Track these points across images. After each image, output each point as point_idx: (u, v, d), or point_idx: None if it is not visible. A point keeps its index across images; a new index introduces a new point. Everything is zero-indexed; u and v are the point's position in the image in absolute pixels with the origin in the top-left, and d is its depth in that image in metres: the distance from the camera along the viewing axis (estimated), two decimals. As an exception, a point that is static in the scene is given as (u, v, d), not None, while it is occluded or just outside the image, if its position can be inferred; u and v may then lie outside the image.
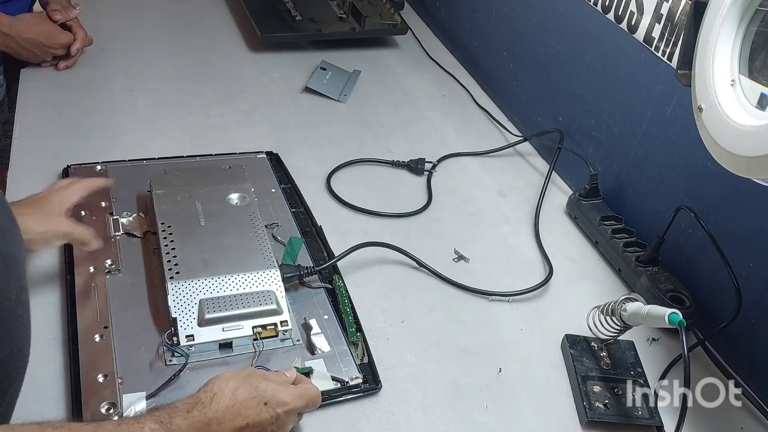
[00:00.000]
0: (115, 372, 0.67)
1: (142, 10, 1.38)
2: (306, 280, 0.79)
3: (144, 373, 0.67)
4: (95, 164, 0.94)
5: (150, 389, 0.65)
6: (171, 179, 0.86)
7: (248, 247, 0.77)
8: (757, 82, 0.62)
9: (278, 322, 0.71)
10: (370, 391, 0.70)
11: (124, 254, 0.80)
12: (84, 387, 0.65)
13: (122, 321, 0.72)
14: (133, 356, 0.69)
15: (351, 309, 0.77)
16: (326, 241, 0.87)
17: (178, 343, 0.68)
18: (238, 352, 0.70)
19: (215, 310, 0.70)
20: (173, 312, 0.69)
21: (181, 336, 0.69)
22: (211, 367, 0.69)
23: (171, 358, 0.69)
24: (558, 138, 1.07)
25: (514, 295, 0.85)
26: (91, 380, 0.65)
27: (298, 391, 0.61)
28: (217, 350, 0.70)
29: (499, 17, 1.25)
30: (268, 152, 1.02)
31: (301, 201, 0.94)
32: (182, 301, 0.70)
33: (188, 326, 0.69)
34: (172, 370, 0.67)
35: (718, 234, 0.78)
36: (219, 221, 0.80)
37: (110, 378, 0.66)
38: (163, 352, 0.69)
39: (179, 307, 0.70)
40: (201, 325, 0.69)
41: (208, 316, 0.69)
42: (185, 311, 0.70)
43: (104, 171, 0.93)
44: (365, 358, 0.73)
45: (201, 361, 0.69)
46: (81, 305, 0.73)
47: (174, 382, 0.66)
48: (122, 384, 0.66)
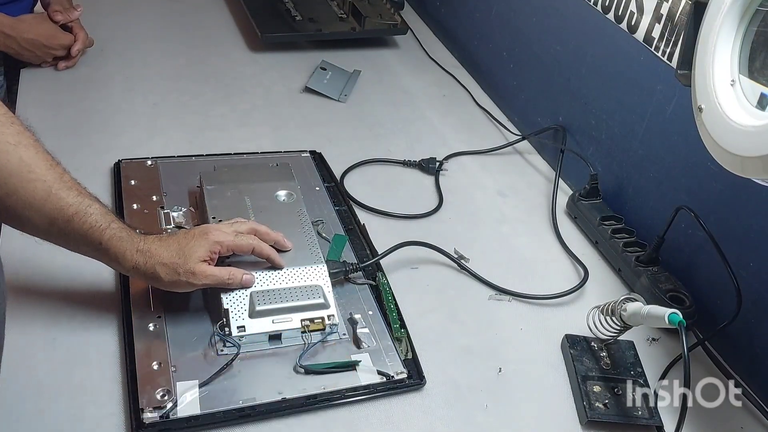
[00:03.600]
0: (169, 360, 0.68)
1: (142, 11, 1.38)
2: (351, 276, 0.81)
3: (197, 362, 0.69)
4: (146, 159, 0.96)
5: (203, 378, 0.67)
6: (220, 175, 0.88)
7: (296, 242, 0.79)
8: (757, 82, 0.62)
9: (326, 316, 0.73)
10: (415, 386, 0.71)
11: None
12: (139, 374, 0.66)
13: (175, 311, 0.73)
14: (186, 345, 0.70)
15: (395, 305, 0.79)
16: (369, 239, 0.88)
17: (229, 333, 0.70)
18: (286, 344, 0.72)
19: (265, 302, 0.72)
20: (225, 303, 0.71)
21: (233, 327, 0.70)
22: (261, 357, 0.70)
23: (223, 348, 0.70)
24: (560, 137, 1.07)
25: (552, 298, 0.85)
26: (146, 367, 0.67)
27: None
28: (266, 341, 0.71)
29: (498, 17, 1.25)
30: (311, 151, 1.04)
31: (344, 199, 0.96)
32: (234, 294, 0.72)
33: (239, 318, 0.71)
34: (223, 360, 0.68)
35: (718, 234, 0.78)
36: (268, 217, 0.81)
37: (164, 366, 0.67)
38: (215, 342, 0.70)
39: (231, 299, 0.71)
40: (252, 316, 0.71)
41: (259, 308, 0.71)
42: (237, 303, 0.71)
43: (154, 165, 0.95)
44: (409, 354, 0.74)
45: (251, 351, 0.71)
46: (135, 296, 0.74)
47: (226, 371, 0.68)
48: (176, 372, 0.67)
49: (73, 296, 0.75)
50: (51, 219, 0.63)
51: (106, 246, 0.66)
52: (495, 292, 0.85)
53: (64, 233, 0.65)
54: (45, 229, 0.64)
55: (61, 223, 0.64)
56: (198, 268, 0.68)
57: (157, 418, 0.63)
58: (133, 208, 0.86)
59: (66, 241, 0.66)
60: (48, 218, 0.63)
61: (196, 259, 0.68)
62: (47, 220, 0.63)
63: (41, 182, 0.62)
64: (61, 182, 0.64)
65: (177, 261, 0.67)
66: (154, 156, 0.97)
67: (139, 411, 0.63)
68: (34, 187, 0.62)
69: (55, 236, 0.65)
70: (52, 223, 0.64)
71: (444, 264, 0.88)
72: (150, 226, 0.83)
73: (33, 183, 0.62)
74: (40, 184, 0.62)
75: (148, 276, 0.68)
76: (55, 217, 0.63)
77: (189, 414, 0.64)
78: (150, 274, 0.67)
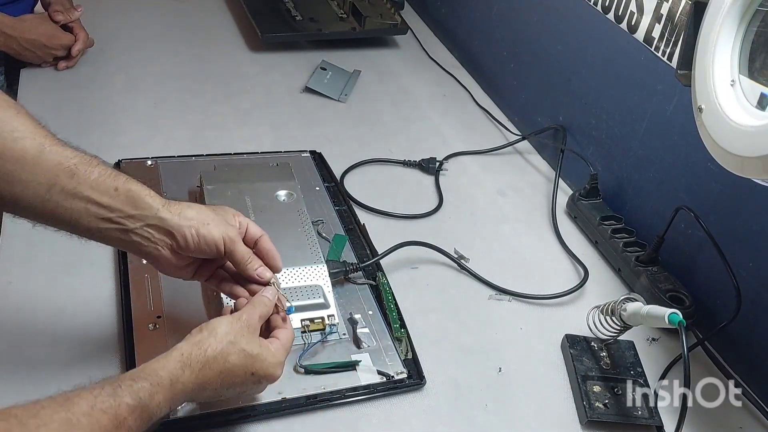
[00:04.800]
0: None
1: (142, 11, 1.38)
2: (351, 276, 0.81)
3: None
4: (146, 159, 0.96)
5: None
6: (221, 175, 0.88)
7: (296, 242, 0.79)
8: (757, 82, 0.62)
9: (326, 316, 0.73)
10: (414, 386, 0.71)
11: None
12: None
13: (175, 311, 0.73)
14: None
15: (395, 305, 0.79)
16: (369, 239, 0.88)
17: None
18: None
19: None
20: (225, 302, 0.71)
21: None
22: None
23: None
24: (560, 137, 1.07)
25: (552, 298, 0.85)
26: None
27: (284, 359, 0.62)
28: None
29: (499, 17, 1.25)
30: (311, 151, 1.04)
31: (344, 199, 0.96)
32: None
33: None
34: None
35: (718, 234, 0.78)
36: (268, 217, 0.81)
37: None
38: None
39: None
40: None
41: None
42: None
43: (154, 165, 0.95)
44: (409, 354, 0.74)
45: None
46: (135, 295, 0.74)
47: None
48: None
49: (73, 296, 0.75)
50: (50, 177, 0.56)
51: (124, 188, 0.59)
52: (495, 292, 0.85)
53: (69, 192, 0.57)
54: (43, 194, 0.56)
55: (63, 179, 0.56)
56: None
57: (157, 418, 0.63)
58: None
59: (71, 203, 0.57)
60: (47, 177, 0.56)
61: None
62: (46, 180, 0.56)
63: (30, 140, 0.56)
64: (53, 140, 0.58)
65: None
66: (155, 156, 0.97)
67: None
68: (23, 146, 0.55)
69: (56, 202, 0.57)
70: (52, 184, 0.56)
71: (444, 264, 0.88)
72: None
73: (21, 141, 0.56)
74: (29, 142, 0.56)
75: (183, 216, 0.61)
76: (55, 174, 0.56)
77: (189, 414, 0.64)
78: (184, 215, 0.61)
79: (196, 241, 0.61)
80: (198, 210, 0.63)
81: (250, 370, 0.58)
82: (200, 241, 0.61)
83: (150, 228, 0.60)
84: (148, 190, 0.61)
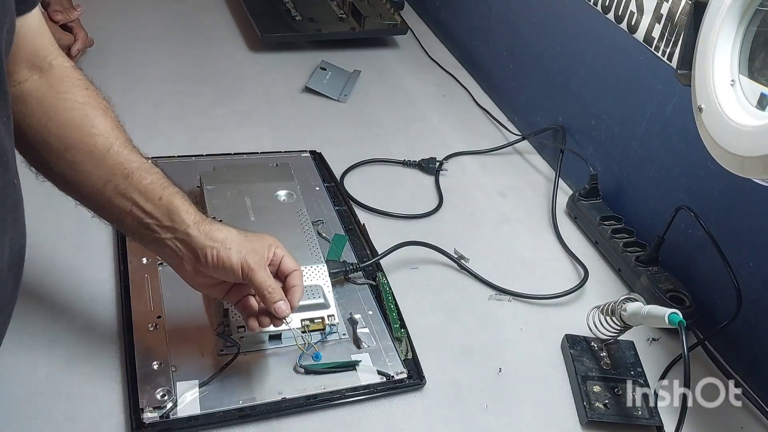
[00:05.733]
0: (169, 360, 0.68)
1: (142, 11, 1.38)
2: (351, 276, 0.81)
3: (197, 362, 0.69)
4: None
5: (202, 378, 0.67)
6: (220, 175, 0.88)
7: (296, 242, 0.79)
8: (757, 82, 0.62)
9: (326, 316, 0.73)
10: (415, 386, 0.71)
11: None
12: (139, 374, 0.66)
13: (175, 311, 0.73)
14: (185, 345, 0.70)
15: (395, 306, 0.79)
16: (369, 239, 0.88)
17: (230, 333, 0.70)
18: (287, 344, 0.72)
19: None
20: (225, 303, 0.71)
21: (233, 327, 0.70)
22: (261, 357, 0.71)
23: (223, 348, 0.70)
24: (560, 137, 1.07)
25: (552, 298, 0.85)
26: (146, 367, 0.67)
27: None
28: (267, 341, 0.71)
29: (498, 17, 1.25)
30: (311, 151, 1.04)
31: (344, 199, 0.96)
32: None
33: (239, 317, 0.70)
34: (223, 360, 0.69)
35: (718, 234, 0.78)
36: (268, 217, 0.82)
37: (164, 366, 0.67)
38: (215, 342, 0.70)
39: None
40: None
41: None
42: None
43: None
44: (409, 354, 0.74)
45: (251, 351, 0.71)
46: (135, 295, 0.74)
47: (226, 371, 0.68)
48: (176, 372, 0.67)
49: (73, 296, 0.75)
50: (109, 174, 0.62)
51: (167, 200, 0.63)
52: (495, 292, 0.85)
53: (120, 192, 0.62)
54: (100, 187, 0.62)
55: (118, 178, 0.62)
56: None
57: (157, 418, 0.63)
58: None
59: (120, 201, 0.62)
60: (106, 173, 0.62)
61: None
62: (105, 175, 0.62)
63: (103, 137, 0.62)
64: (124, 142, 0.64)
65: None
66: (154, 156, 0.95)
67: (139, 411, 0.63)
68: (95, 141, 0.62)
69: (108, 198, 0.62)
70: (109, 179, 0.62)
71: (444, 264, 0.88)
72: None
73: (94, 137, 0.62)
74: (101, 139, 0.62)
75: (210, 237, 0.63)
76: (113, 173, 0.62)
77: (189, 414, 0.64)
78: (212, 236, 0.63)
79: (215, 263, 0.62)
80: (227, 233, 0.64)
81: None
82: (218, 264, 0.62)
83: (178, 242, 0.63)
84: (190, 207, 0.64)
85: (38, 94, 0.61)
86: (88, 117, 0.62)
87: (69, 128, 0.62)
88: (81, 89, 0.63)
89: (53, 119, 0.61)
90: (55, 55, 0.63)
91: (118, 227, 0.70)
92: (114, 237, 0.83)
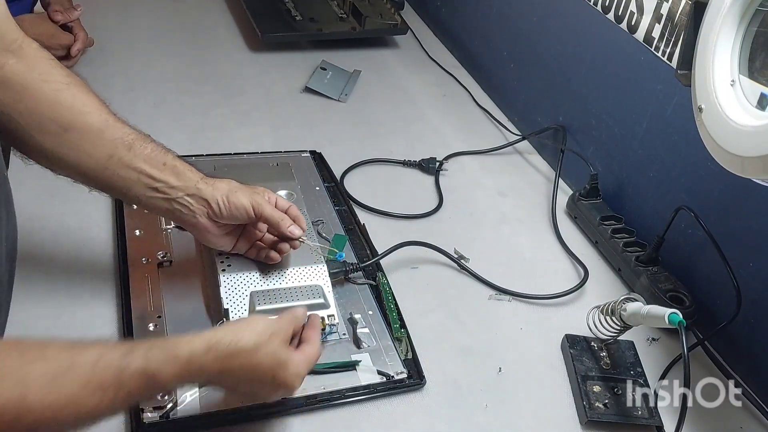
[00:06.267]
0: None
1: (142, 11, 1.38)
2: (351, 276, 0.81)
3: None
4: None
5: None
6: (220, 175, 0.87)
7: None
8: (757, 82, 0.62)
9: (326, 316, 0.73)
10: (415, 386, 0.71)
11: (176, 247, 0.81)
12: None
13: (175, 311, 0.73)
14: None
15: (395, 305, 0.79)
16: (369, 239, 0.88)
17: None
18: None
19: (265, 302, 0.72)
20: (225, 303, 0.71)
21: None
22: None
23: None
24: (560, 137, 1.07)
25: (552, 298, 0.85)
26: None
27: (305, 373, 0.62)
28: None
29: (499, 17, 1.25)
30: (311, 151, 1.04)
31: (344, 199, 0.96)
32: (233, 293, 0.72)
33: (239, 317, 0.71)
34: None
35: (718, 234, 0.78)
36: None
37: None
38: None
39: (231, 299, 0.72)
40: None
41: (259, 308, 0.71)
42: (236, 303, 0.72)
43: None
44: (409, 354, 0.74)
45: None
46: (135, 295, 0.74)
47: None
48: None
49: (74, 295, 0.75)
50: (111, 148, 0.64)
51: (171, 163, 0.67)
52: (495, 292, 0.85)
53: (125, 163, 0.65)
54: (103, 163, 0.65)
55: (122, 151, 0.65)
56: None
57: (157, 418, 0.63)
58: (133, 207, 0.86)
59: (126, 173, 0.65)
60: (107, 148, 0.64)
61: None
62: (107, 150, 0.64)
63: (96, 114, 0.65)
64: (114, 117, 0.66)
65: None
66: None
67: (139, 411, 0.63)
68: (90, 119, 0.64)
69: (113, 170, 0.65)
70: (111, 154, 0.64)
71: (444, 264, 0.88)
72: (150, 226, 0.83)
73: (88, 115, 0.64)
74: (95, 116, 0.64)
75: (217, 188, 0.69)
76: (115, 146, 0.65)
77: (189, 414, 0.63)
78: (218, 186, 0.69)
79: (227, 207, 0.68)
80: (228, 182, 0.70)
81: (272, 373, 0.58)
82: (230, 207, 0.68)
83: (189, 197, 0.68)
84: (190, 167, 0.69)
85: (20, 78, 0.62)
86: (76, 96, 0.64)
87: (61, 109, 0.63)
88: (58, 68, 0.65)
89: (42, 102, 0.62)
90: (23, 39, 0.64)
91: (121, 198, 0.74)
92: (114, 237, 0.83)
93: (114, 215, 0.85)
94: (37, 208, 0.85)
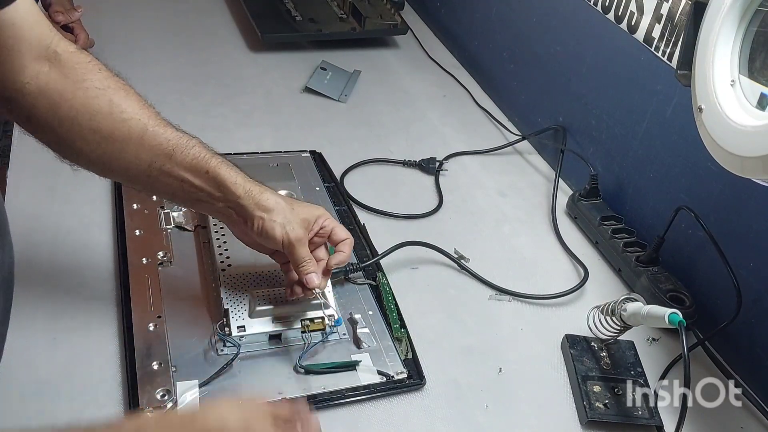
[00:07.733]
0: (169, 360, 0.68)
1: (142, 11, 1.38)
2: (351, 276, 0.81)
3: (197, 362, 0.69)
4: None
5: (203, 378, 0.67)
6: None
7: None
8: (757, 82, 0.62)
9: (326, 316, 0.73)
10: (415, 386, 0.71)
11: (176, 247, 0.82)
12: (139, 374, 0.66)
13: (175, 311, 0.74)
14: (186, 345, 0.70)
15: (395, 306, 0.79)
16: (369, 239, 0.89)
17: (229, 333, 0.70)
18: (287, 344, 0.72)
19: (266, 302, 0.72)
20: (225, 303, 0.71)
21: (233, 327, 0.71)
22: (261, 357, 0.71)
23: (223, 348, 0.70)
24: (560, 137, 1.07)
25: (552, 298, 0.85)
26: (147, 368, 0.67)
27: None
28: (267, 341, 0.72)
29: (498, 17, 1.25)
30: (311, 151, 1.04)
31: (344, 199, 0.96)
32: (234, 293, 0.72)
33: (239, 317, 0.71)
34: (224, 360, 0.68)
35: (718, 234, 0.78)
36: None
37: (164, 366, 0.67)
38: (215, 342, 0.70)
39: (231, 299, 0.72)
40: (252, 316, 0.71)
41: (259, 308, 0.71)
42: (236, 303, 0.72)
43: None
44: (409, 354, 0.74)
45: (251, 351, 0.71)
46: (135, 296, 0.74)
47: (226, 371, 0.68)
48: (176, 372, 0.67)
49: (73, 296, 0.75)
50: (151, 156, 0.63)
51: (214, 173, 0.65)
52: (495, 292, 0.85)
53: (166, 171, 0.64)
54: (145, 170, 0.64)
55: (162, 159, 0.63)
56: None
57: (157, 418, 0.63)
58: (133, 207, 0.86)
59: (168, 180, 0.65)
60: (147, 156, 0.63)
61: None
62: (147, 158, 0.63)
63: (135, 120, 0.63)
64: (156, 120, 0.64)
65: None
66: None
67: (140, 411, 0.63)
68: (129, 126, 0.62)
69: (156, 177, 0.64)
70: (152, 161, 0.63)
71: (444, 264, 0.88)
72: (150, 226, 0.83)
73: (127, 122, 0.62)
74: (134, 123, 0.62)
75: (260, 206, 0.67)
76: (155, 154, 0.63)
77: (189, 414, 0.64)
78: (262, 205, 0.67)
79: (260, 232, 0.68)
80: (275, 203, 0.68)
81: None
82: (262, 233, 0.68)
83: (231, 209, 0.68)
84: (237, 175, 0.67)
85: (56, 87, 0.60)
86: (114, 102, 0.62)
87: (99, 117, 0.61)
88: (96, 73, 0.63)
89: (81, 112, 0.60)
90: (58, 42, 0.61)
91: (169, 200, 0.77)
92: (114, 237, 0.83)
93: (114, 215, 0.85)
94: (37, 208, 0.85)
